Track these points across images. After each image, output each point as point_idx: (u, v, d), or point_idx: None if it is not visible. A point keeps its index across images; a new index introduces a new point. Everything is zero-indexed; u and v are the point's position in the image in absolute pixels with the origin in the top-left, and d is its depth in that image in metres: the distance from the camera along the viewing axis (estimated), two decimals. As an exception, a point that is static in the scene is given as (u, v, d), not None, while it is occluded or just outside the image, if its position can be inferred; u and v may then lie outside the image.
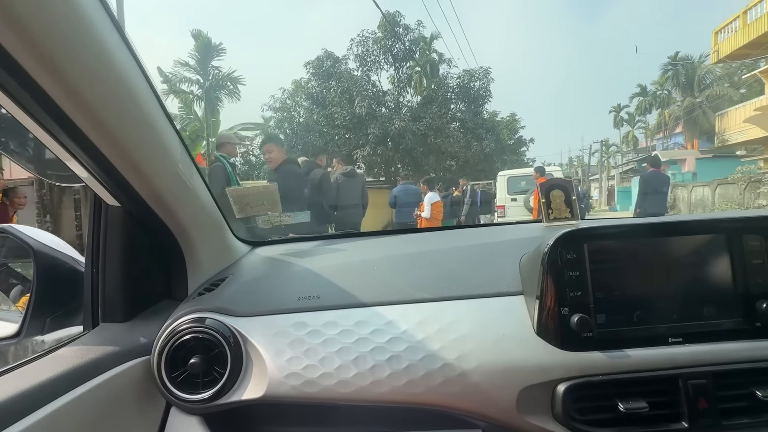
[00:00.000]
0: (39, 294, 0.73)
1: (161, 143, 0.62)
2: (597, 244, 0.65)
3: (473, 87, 17.78)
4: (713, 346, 0.62)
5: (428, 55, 19.55)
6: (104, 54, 0.46)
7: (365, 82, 17.49)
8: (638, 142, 34.17)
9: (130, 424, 0.61)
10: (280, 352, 0.65)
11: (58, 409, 0.47)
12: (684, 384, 0.60)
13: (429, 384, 0.62)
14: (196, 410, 0.66)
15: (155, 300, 0.78)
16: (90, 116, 0.48)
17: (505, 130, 22.47)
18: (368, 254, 0.94)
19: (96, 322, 0.70)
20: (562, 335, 0.62)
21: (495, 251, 0.85)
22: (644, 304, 0.64)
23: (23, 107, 0.44)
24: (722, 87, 24.22)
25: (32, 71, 0.40)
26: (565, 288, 0.63)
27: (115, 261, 0.70)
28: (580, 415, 0.60)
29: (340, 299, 0.72)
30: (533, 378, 0.61)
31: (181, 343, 0.65)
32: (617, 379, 0.60)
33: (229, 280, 0.81)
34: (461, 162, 17.61)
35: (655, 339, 0.62)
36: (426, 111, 16.97)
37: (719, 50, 16.59)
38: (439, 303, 0.69)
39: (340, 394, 0.63)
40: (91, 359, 0.57)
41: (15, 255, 0.92)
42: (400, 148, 16.63)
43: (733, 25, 15.88)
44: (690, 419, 0.59)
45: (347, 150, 17.23)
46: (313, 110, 18.11)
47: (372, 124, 16.38)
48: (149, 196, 0.64)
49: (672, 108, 27.87)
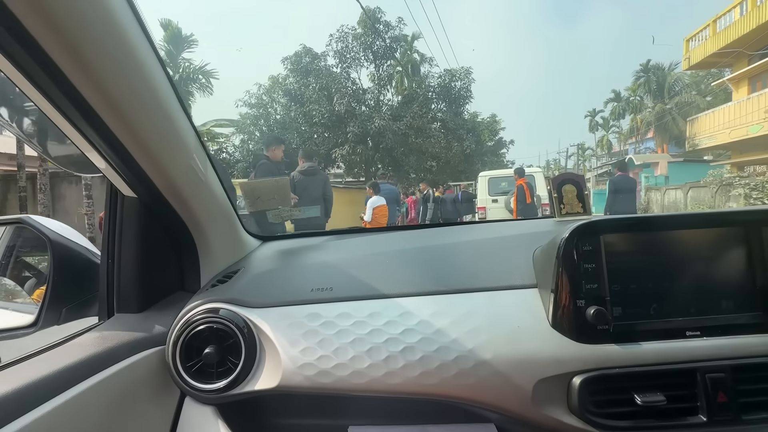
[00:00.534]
0: (55, 284, 0.73)
1: (178, 136, 0.62)
2: (613, 236, 0.63)
3: (454, 87, 17.64)
4: (732, 340, 0.60)
5: (410, 55, 19.32)
6: (129, 49, 0.48)
7: (345, 79, 17.04)
8: (612, 146, 35.22)
9: (146, 413, 0.61)
10: (293, 343, 0.64)
11: (77, 395, 0.48)
12: (702, 378, 0.58)
13: (443, 375, 0.61)
14: (210, 400, 0.65)
15: (169, 291, 0.78)
16: (113, 109, 0.49)
17: (485, 131, 22.53)
18: (379, 248, 0.93)
19: (111, 313, 0.70)
20: (577, 328, 0.60)
21: (507, 245, 0.84)
22: (661, 297, 0.62)
23: (51, 100, 0.46)
24: (690, 94, 25.23)
25: (64, 66, 0.42)
26: (580, 280, 0.61)
27: (130, 252, 0.70)
28: (596, 407, 0.59)
29: (353, 291, 0.71)
30: (548, 370, 0.59)
31: (196, 333, 0.65)
32: (634, 372, 0.59)
33: (241, 272, 0.81)
34: (442, 163, 17.43)
35: (672, 332, 0.61)
36: (407, 110, 16.68)
37: (690, 57, 17.12)
38: (453, 295, 0.68)
39: (354, 385, 0.62)
40: (107, 348, 0.58)
41: (32, 245, 0.92)
42: (380, 147, 16.27)
43: (704, 33, 16.41)
44: (708, 413, 0.57)
45: (326, 149, 16.75)
46: (291, 107, 17.53)
47: (351, 122, 15.94)
48: (165, 188, 0.65)
49: (644, 113, 28.83)
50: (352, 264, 0.83)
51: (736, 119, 14.38)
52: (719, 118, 15.39)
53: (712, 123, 15.85)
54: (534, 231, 0.85)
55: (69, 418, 0.47)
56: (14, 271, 0.95)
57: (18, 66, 0.41)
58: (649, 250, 0.64)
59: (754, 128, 13.54)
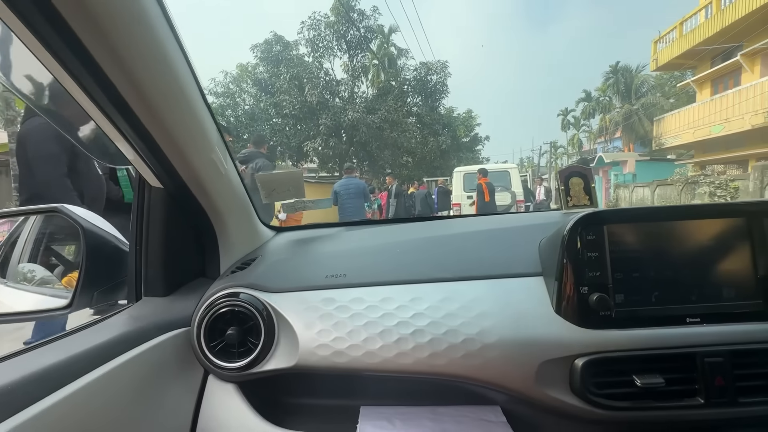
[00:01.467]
0: (88, 270, 0.77)
1: (202, 129, 0.65)
2: (617, 226, 0.65)
3: (430, 80, 17.34)
4: (731, 327, 0.62)
5: (386, 48, 18.83)
6: (160, 48, 0.51)
7: (317, 69, 16.37)
8: (582, 144, 36.21)
9: (173, 389, 0.64)
10: (310, 325, 0.67)
11: (111, 370, 0.52)
12: (701, 361, 0.60)
13: (451, 356, 0.63)
14: (232, 378, 0.69)
15: (191, 277, 0.82)
16: (145, 104, 0.52)
17: (461, 126, 22.45)
18: (390, 238, 0.95)
19: (139, 296, 0.74)
20: (580, 313, 0.63)
21: (514, 235, 0.86)
22: (663, 285, 0.64)
23: (89, 94, 0.49)
24: (655, 96, 26.17)
25: (104, 64, 0.46)
26: (584, 268, 0.63)
27: (156, 239, 0.73)
28: (597, 388, 0.61)
29: (365, 277, 0.74)
30: (552, 353, 0.61)
31: (218, 316, 0.68)
32: (634, 356, 0.61)
33: (259, 260, 0.84)
34: (418, 158, 17.14)
35: (673, 319, 0.62)
36: (381, 103, 16.23)
37: (658, 58, 17.58)
38: (461, 282, 0.71)
39: (367, 365, 0.65)
40: (137, 328, 0.61)
41: (65, 233, 0.97)
42: (354, 141, 15.76)
43: (671, 35, 16.86)
44: (706, 395, 0.60)
45: (297, 141, 16.05)
46: (261, 97, 16.69)
47: (324, 114, 15.34)
48: (189, 179, 0.68)
49: (612, 114, 29.68)
50: (363, 252, 0.87)
51: (699, 120, 14.87)
52: (684, 119, 15.88)
53: (677, 123, 16.35)
54: (540, 222, 0.87)
55: (104, 390, 0.50)
56: (44, 258, 1.01)
57: (63, 65, 0.45)
58: (652, 239, 0.65)
59: (716, 128, 14.02)
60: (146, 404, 0.57)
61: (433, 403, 0.71)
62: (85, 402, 0.47)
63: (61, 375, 0.46)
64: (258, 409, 0.67)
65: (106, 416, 0.50)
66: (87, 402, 0.47)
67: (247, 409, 0.67)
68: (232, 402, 0.67)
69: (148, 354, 0.59)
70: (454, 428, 0.65)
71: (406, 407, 0.71)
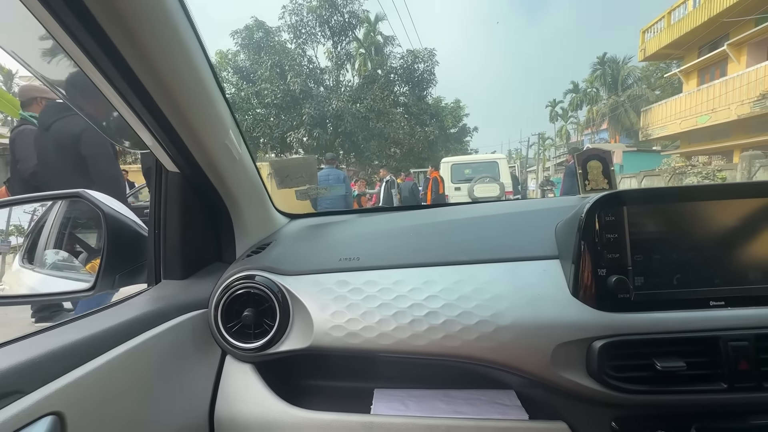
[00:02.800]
0: (109, 253, 0.78)
1: (217, 115, 0.66)
2: (637, 207, 0.63)
3: (417, 69, 16.87)
4: (757, 311, 0.60)
5: (373, 36, 18.27)
6: (179, 37, 0.52)
7: (300, 57, 15.80)
8: (570, 136, 36.35)
9: (192, 367, 0.66)
10: (324, 307, 0.68)
11: (133, 347, 0.53)
12: (725, 345, 0.58)
13: (465, 338, 0.63)
14: (248, 358, 0.70)
15: (208, 262, 0.83)
16: (163, 90, 0.54)
17: (449, 116, 22.08)
18: (403, 223, 0.95)
19: (158, 279, 0.76)
20: (598, 296, 0.61)
21: (529, 219, 0.84)
22: (685, 268, 0.62)
23: (112, 83, 0.51)
24: (641, 88, 26.31)
25: (126, 54, 0.47)
26: (602, 250, 0.62)
27: (174, 224, 0.75)
28: (614, 371, 0.59)
29: (378, 261, 0.73)
30: (568, 335, 0.60)
31: (235, 297, 0.69)
32: (654, 339, 0.59)
33: (273, 244, 0.85)
34: (405, 149, 16.74)
35: (695, 302, 0.61)
36: (367, 92, 15.77)
37: (646, 48, 17.52)
38: (475, 265, 0.70)
39: (381, 346, 0.65)
40: (158, 308, 0.63)
41: (87, 217, 0.99)
42: (339, 131, 15.28)
43: (659, 25, 16.77)
44: (730, 380, 0.58)
45: (280, 132, 15.49)
46: (242, 86, 16.02)
47: (307, 103, 14.81)
48: (205, 163, 0.69)
49: (599, 105, 29.81)
50: (377, 236, 0.86)
51: (686, 110, 14.89)
52: (671, 109, 15.89)
53: (664, 113, 16.37)
54: (557, 206, 0.84)
55: (126, 366, 0.52)
56: (68, 243, 1.03)
57: (90, 57, 0.47)
58: (673, 221, 0.63)
59: (703, 119, 14.04)
60: (167, 382, 0.59)
61: (446, 386, 0.72)
62: (109, 377, 0.49)
63: (86, 350, 0.48)
64: (274, 390, 0.68)
65: (129, 391, 0.52)
66: (110, 377, 0.49)
67: (264, 388, 0.68)
68: (249, 381, 0.69)
69: (167, 334, 0.60)
70: (467, 410, 0.66)
71: (419, 390, 0.72)
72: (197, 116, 0.61)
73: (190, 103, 0.59)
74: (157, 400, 0.56)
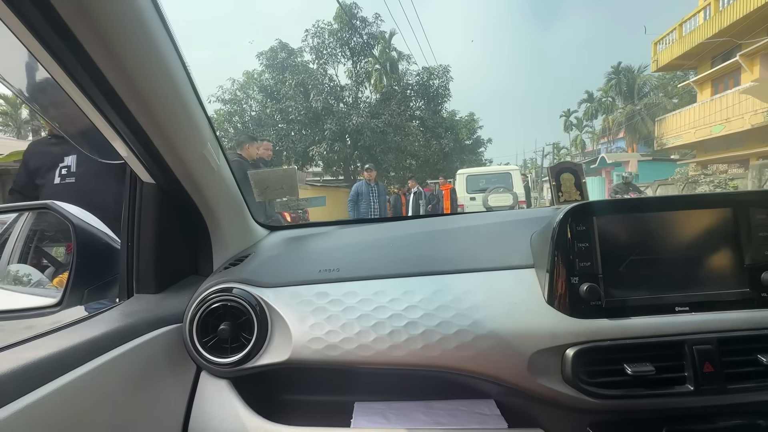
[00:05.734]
0: (78, 267, 0.76)
1: (195, 126, 0.66)
2: (606, 217, 0.65)
3: (432, 85, 17.59)
4: (719, 315, 0.63)
5: (388, 52, 19.14)
6: (154, 46, 0.52)
7: (321, 76, 16.72)
8: (585, 145, 36.23)
9: (165, 385, 0.64)
10: (303, 319, 0.67)
11: (102, 365, 0.51)
12: (690, 349, 0.61)
13: (444, 348, 0.63)
14: (224, 373, 0.69)
15: (184, 275, 0.81)
16: (139, 100, 0.53)
17: (463, 129, 22.65)
18: (383, 234, 0.97)
19: (131, 293, 0.74)
20: (571, 303, 0.63)
21: (506, 230, 0.86)
22: (652, 275, 0.65)
23: (85, 91, 0.50)
24: (657, 96, 26.19)
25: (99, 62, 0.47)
26: (574, 259, 0.64)
27: (148, 236, 0.73)
28: (588, 377, 0.61)
29: (358, 271, 0.74)
30: (543, 343, 0.62)
31: (211, 311, 0.68)
32: (624, 344, 0.61)
33: (252, 256, 0.84)
34: (421, 161, 17.37)
35: (662, 308, 0.63)
36: (385, 107, 16.52)
37: (658, 60, 17.74)
38: (453, 275, 0.71)
39: (361, 357, 0.65)
40: (128, 323, 0.61)
41: (55, 229, 0.97)
42: (358, 145, 16.05)
43: (671, 37, 17.02)
44: (696, 382, 0.60)
45: (303, 146, 16.36)
46: (267, 104, 17.03)
47: (329, 119, 15.64)
48: (181, 174, 0.69)
49: (615, 114, 29.72)
50: (357, 248, 0.86)
51: (700, 119, 14.99)
52: (685, 119, 16.01)
53: (678, 123, 16.47)
54: (532, 217, 0.86)
55: (94, 384, 0.50)
56: (34, 257, 0.99)
57: (61, 63, 0.46)
58: (641, 230, 0.65)
59: (717, 128, 14.14)
60: (137, 400, 0.57)
61: (426, 398, 0.72)
62: (75, 395, 0.46)
63: (51, 368, 0.45)
64: (251, 405, 0.67)
65: (96, 410, 0.49)
66: (77, 396, 0.47)
67: (240, 404, 0.67)
68: (225, 398, 0.67)
69: (138, 350, 0.58)
70: (447, 421, 0.66)
71: (399, 402, 0.72)
72: (173, 126, 0.61)
73: (166, 112, 0.58)
74: (127, 417, 0.55)
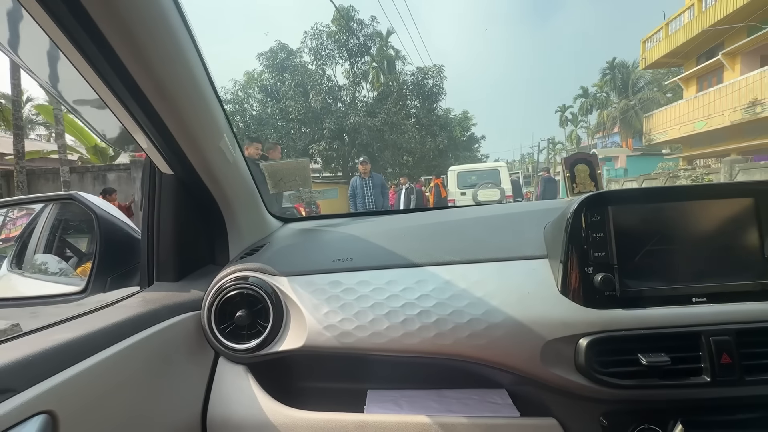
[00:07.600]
0: (101, 256, 0.79)
1: (212, 118, 0.68)
2: (622, 207, 0.66)
3: (427, 84, 18.12)
4: (737, 306, 0.62)
5: (385, 51, 19.62)
6: (175, 41, 0.53)
7: (320, 76, 17.25)
8: (581, 140, 36.54)
9: (185, 369, 0.66)
10: (317, 307, 0.70)
11: (125, 348, 0.54)
12: (707, 340, 0.60)
13: (457, 336, 0.65)
14: (242, 359, 0.71)
15: (201, 264, 0.85)
16: (160, 93, 0.55)
17: (457, 127, 23.19)
18: (395, 225, 0.97)
19: (151, 281, 0.77)
20: (585, 293, 0.63)
21: (519, 221, 0.87)
22: (668, 265, 0.64)
23: (109, 85, 0.52)
24: (652, 91, 26.52)
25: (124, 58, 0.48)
26: (589, 248, 0.64)
27: (168, 226, 0.76)
28: (601, 367, 0.61)
29: (371, 261, 0.76)
30: (556, 332, 0.62)
31: (228, 299, 0.71)
32: (639, 335, 0.62)
33: (267, 246, 0.87)
34: (417, 158, 17.93)
35: (678, 299, 0.63)
36: (381, 107, 17.08)
37: (646, 57, 18.20)
38: (466, 265, 0.72)
39: (374, 345, 0.67)
40: (150, 310, 0.63)
41: (79, 219, 0.99)
42: (356, 142, 16.62)
43: (658, 35, 17.47)
44: (712, 374, 0.59)
45: (303, 144, 16.94)
46: (267, 103, 17.58)
47: (327, 118, 16.22)
48: (199, 166, 0.71)
49: (609, 109, 30.04)
50: (370, 238, 0.86)
51: (685, 116, 15.49)
52: (671, 115, 16.49)
53: (665, 119, 16.95)
54: (546, 208, 0.88)
55: (118, 367, 0.52)
56: (59, 247, 1.04)
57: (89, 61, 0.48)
58: (657, 220, 0.65)
59: (699, 124, 14.65)
60: (159, 383, 0.59)
61: (439, 386, 0.73)
62: (101, 376, 0.49)
63: (78, 350, 0.48)
64: (268, 391, 0.69)
65: (121, 391, 0.52)
66: (103, 376, 0.49)
67: (258, 389, 0.69)
68: (243, 383, 0.69)
69: (160, 335, 0.61)
70: (459, 410, 0.66)
71: (412, 390, 0.73)
72: (193, 119, 0.63)
73: (187, 106, 0.60)
74: (149, 400, 0.57)
